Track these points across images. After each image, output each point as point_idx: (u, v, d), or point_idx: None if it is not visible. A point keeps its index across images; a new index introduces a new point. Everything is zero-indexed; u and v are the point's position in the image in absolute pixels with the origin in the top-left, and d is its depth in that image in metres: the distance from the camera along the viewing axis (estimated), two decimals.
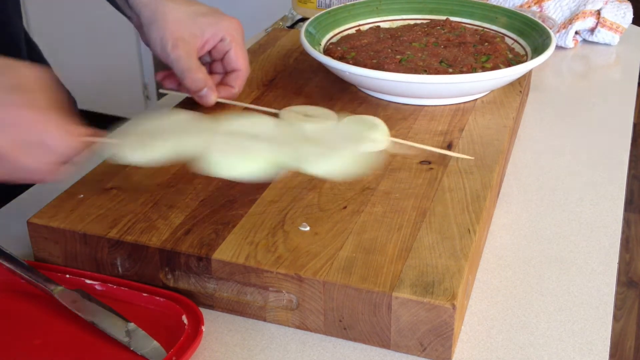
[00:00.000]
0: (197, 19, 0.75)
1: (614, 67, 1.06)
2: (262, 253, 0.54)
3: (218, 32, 0.76)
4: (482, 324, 0.55)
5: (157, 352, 0.50)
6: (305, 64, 0.89)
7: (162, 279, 0.57)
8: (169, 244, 0.55)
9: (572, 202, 0.70)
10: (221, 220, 0.58)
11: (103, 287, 0.56)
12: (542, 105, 0.90)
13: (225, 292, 0.55)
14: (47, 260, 0.60)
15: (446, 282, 0.51)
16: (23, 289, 0.56)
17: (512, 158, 0.77)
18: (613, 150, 0.80)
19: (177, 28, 0.74)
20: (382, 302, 0.50)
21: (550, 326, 0.55)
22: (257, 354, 0.52)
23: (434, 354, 0.51)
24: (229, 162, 0.56)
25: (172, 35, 0.73)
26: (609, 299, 0.57)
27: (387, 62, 0.78)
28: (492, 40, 0.85)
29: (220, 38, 0.76)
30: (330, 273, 0.52)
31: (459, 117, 0.75)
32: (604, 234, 0.65)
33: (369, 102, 0.78)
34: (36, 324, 0.54)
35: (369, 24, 0.92)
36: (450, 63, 0.79)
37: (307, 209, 0.59)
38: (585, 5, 1.09)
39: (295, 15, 1.20)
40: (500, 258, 0.62)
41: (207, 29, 0.75)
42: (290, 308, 0.54)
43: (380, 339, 0.52)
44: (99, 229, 0.57)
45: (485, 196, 0.60)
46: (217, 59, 0.78)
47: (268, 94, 0.81)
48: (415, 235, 0.56)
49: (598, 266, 0.61)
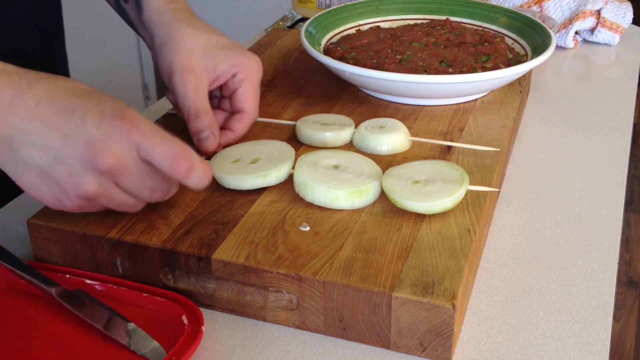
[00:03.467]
0: (213, 52, 0.68)
1: (614, 67, 1.06)
2: (262, 253, 0.54)
3: (232, 68, 0.68)
4: (482, 324, 0.55)
5: (157, 352, 0.50)
6: (305, 64, 0.89)
7: (162, 279, 0.57)
8: (169, 244, 0.55)
9: (572, 202, 0.70)
10: (221, 220, 0.58)
11: (103, 287, 0.56)
12: (542, 105, 0.90)
13: (225, 292, 0.55)
14: (47, 260, 0.60)
15: (446, 282, 0.51)
16: (23, 289, 0.56)
17: (512, 158, 0.77)
18: (613, 150, 0.80)
19: (189, 58, 0.67)
20: (382, 302, 0.50)
21: (550, 326, 0.55)
22: (257, 354, 0.52)
23: (434, 354, 0.51)
24: (334, 193, 0.59)
25: (182, 65, 0.66)
26: (609, 299, 0.57)
27: (387, 62, 0.78)
28: (492, 40, 0.85)
29: (233, 74, 0.69)
30: (330, 273, 0.52)
31: (459, 117, 0.75)
32: (604, 234, 0.65)
33: (369, 102, 0.78)
34: (36, 324, 0.54)
35: (369, 24, 0.92)
36: (450, 63, 0.79)
37: (307, 209, 0.59)
38: (585, 5, 1.09)
39: (295, 15, 1.20)
40: (500, 258, 0.62)
41: (221, 63, 0.68)
42: (290, 308, 0.54)
43: (380, 339, 0.52)
44: (99, 229, 0.57)
45: (485, 196, 0.60)
46: (227, 96, 0.71)
47: (268, 94, 0.81)
48: (415, 235, 0.56)
49: (598, 266, 0.61)
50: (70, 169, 0.51)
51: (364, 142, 0.68)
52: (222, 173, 0.61)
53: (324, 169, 0.61)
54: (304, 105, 0.78)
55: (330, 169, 0.61)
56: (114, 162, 0.51)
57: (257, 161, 0.63)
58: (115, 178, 0.52)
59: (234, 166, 0.62)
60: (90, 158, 0.51)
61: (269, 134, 0.71)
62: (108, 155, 0.51)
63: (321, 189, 0.59)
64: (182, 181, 0.54)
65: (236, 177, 0.61)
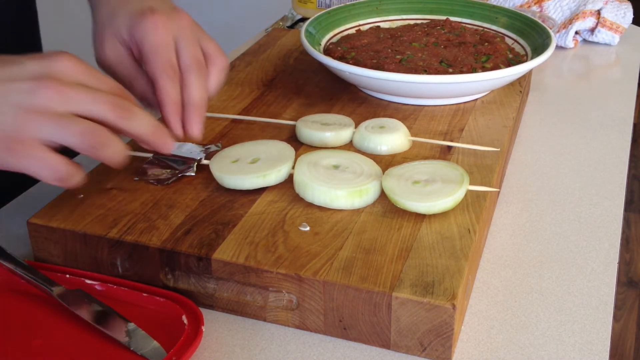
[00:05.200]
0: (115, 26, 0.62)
1: (614, 67, 1.06)
2: (262, 253, 0.54)
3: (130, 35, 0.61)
4: (482, 324, 0.55)
5: (157, 352, 0.50)
6: (305, 64, 0.89)
7: (162, 279, 0.57)
8: (169, 244, 0.55)
9: (572, 202, 0.70)
10: (221, 220, 0.58)
11: (103, 287, 0.56)
12: (542, 105, 0.90)
13: (225, 292, 0.55)
14: (47, 260, 0.60)
15: (446, 282, 0.51)
16: (23, 289, 0.56)
17: (512, 158, 0.77)
18: (613, 150, 0.80)
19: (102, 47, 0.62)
20: (382, 302, 0.50)
21: (550, 326, 0.55)
22: (257, 354, 0.52)
23: (434, 354, 0.51)
24: (334, 193, 0.59)
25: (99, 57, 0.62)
26: (609, 299, 0.57)
27: (387, 62, 0.78)
28: (492, 40, 0.85)
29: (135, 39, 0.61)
30: (330, 273, 0.52)
31: (459, 117, 0.75)
32: (604, 234, 0.65)
33: (369, 102, 0.79)
34: (36, 324, 0.54)
35: (369, 24, 0.92)
36: (450, 63, 0.79)
37: (307, 209, 0.59)
38: (585, 5, 1.09)
39: (295, 15, 1.20)
40: (500, 258, 0.62)
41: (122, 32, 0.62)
42: (290, 308, 0.54)
43: (380, 339, 0.52)
44: (99, 229, 0.57)
45: (485, 196, 0.60)
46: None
47: (268, 94, 0.81)
48: (415, 235, 0.56)
49: (598, 266, 0.61)
50: (15, 99, 0.52)
51: (364, 142, 0.68)
52: (222, 173, 0.61)
53: (323, 169, 0.61)
54: (304, 105, 0.78)
55: (330, 169, 0.61)
56: (57, 81, 0.52)
57: (257, 161, 0.63)
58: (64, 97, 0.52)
59: (233, 166, 0.62)
60: (33, 84, 0.51)
61: (268, 134, 0.71)
62: (52, 75, 0.52)
63: (321, 189, 0.59)
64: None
65: (236, 177, 0.61)
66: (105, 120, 0.53)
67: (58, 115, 0.52)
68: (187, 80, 0.60)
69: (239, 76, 0.85)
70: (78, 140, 0.52)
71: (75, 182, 0.54)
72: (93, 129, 0.52)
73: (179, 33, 0.61)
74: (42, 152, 0.52)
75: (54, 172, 0.52)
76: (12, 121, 0.51)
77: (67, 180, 0.53)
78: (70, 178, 0.53)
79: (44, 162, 0.52)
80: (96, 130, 0.52)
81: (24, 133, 0.51)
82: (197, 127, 0.60)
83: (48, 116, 0.51)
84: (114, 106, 0.53)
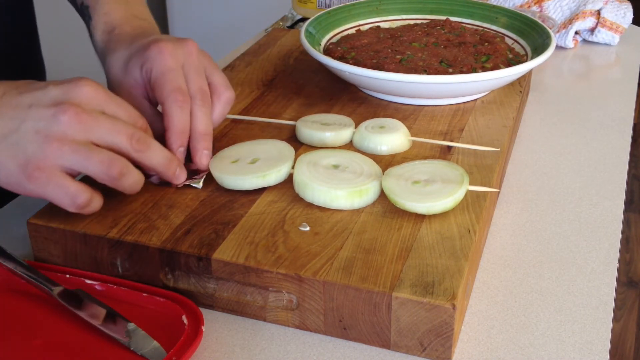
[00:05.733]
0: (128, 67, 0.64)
1: (614, 67, 1.06)
2: (262, 253, 0.54)
3: (142, 71, 0.63)
4: (482, 324, 0.55)
5: (157, 352, 0.50)
6: (305, 64, 0.89)
7: (162, 279, 0.57)
8: (169, 244, 0.55)
9: (572, 202, 0.70)
10: (221, 220, 0.58)
11: (103, 287, 0.56)
12: (542, 105, 0.90)
13: (225, 292, 0.55)
14: (47, 260, 0.60)
15: (446, 282, 0.51)
16: (23, 289, 0.56)
17: (512, 158, 0.77)
18: (613, 150, 0.80)
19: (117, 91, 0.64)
20: (382, 302, 0.50)
21: (550, 326, 0.55)
22: (257, 354, 0.52)
23: (434, 354, 0.51)
24: (334, 193, 0.58)
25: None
26: (609, 299, 0.57)
27: (387, 62, 0.78)
28: (492, 40, 0.85)
29: (145, 73, 0.62)
30: (330, 273, 0.52)
31: (459, 117, 0.75)
32: (604, 234, 0.65)
33: (369, 102, 0.79)
34: (36, 324, 0.54)
35: (369, 24, 0.92)
36: (450, 63, 0.79)
37: (307, 209, 0.59)
38: (585, 5, 1.09)
39: (295, 15, 1.20)
40: (500, 258, 0.62)
41: (134, 73, 0.63)
42: (290, 308, 0.54)
43: (380, 339, 0.52)
44: (99, 229, 0.57)
45: (485, 196, 0.60)
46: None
47: (268, 94, 0.81)
48: (415, 235, 0.56)
49: (598, 266, 0.61)
50: (36, 125, 0.53)
51: (364, 142, 0.68)
52: (222, 173, 0.61)
53: (323, 168, 0.61)
54: (304, 105, 0.78)
55: (330, 169, 0.61)
56: (77, 108, 0.53)
57: (256, 161, 0.63)
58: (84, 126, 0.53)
59: (233, 166, 0.62)
60: (54, 110, 0.52)
61: (268, 134, 0.71)
62: (72, 101, 0.53)
63: (321, 189, 0.59)
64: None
65: (236, 177, 0.61)
66: (123, 151, 0.55)
67: (77, 144, 0.53)
68: (191, 110, 0.62)
69: (239, 76, 0.85)
70: (98, 169, 0.54)
71: (94, 209, 0.56)
72: (112, 160, 0.54)
73: (185, 60, 0.63)
74: (62, 179, 0.53)
75: (74, 200, 0.54)
76: (32, 147, 0.53)
77: (86, 207, 0.55)
78: (89, 205, 0.55)
79: (63, 190, 0.53)
80: (116, 161, 0.54)
81: (45, 160, 0.53)
82: (205, 157, 0.62)
83: (68, 144, 0.53)
84: (130, 138, 0.55)
